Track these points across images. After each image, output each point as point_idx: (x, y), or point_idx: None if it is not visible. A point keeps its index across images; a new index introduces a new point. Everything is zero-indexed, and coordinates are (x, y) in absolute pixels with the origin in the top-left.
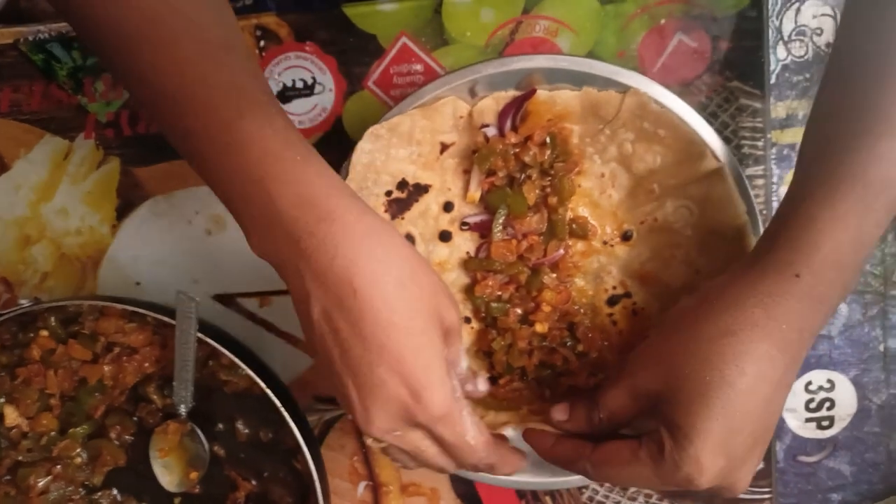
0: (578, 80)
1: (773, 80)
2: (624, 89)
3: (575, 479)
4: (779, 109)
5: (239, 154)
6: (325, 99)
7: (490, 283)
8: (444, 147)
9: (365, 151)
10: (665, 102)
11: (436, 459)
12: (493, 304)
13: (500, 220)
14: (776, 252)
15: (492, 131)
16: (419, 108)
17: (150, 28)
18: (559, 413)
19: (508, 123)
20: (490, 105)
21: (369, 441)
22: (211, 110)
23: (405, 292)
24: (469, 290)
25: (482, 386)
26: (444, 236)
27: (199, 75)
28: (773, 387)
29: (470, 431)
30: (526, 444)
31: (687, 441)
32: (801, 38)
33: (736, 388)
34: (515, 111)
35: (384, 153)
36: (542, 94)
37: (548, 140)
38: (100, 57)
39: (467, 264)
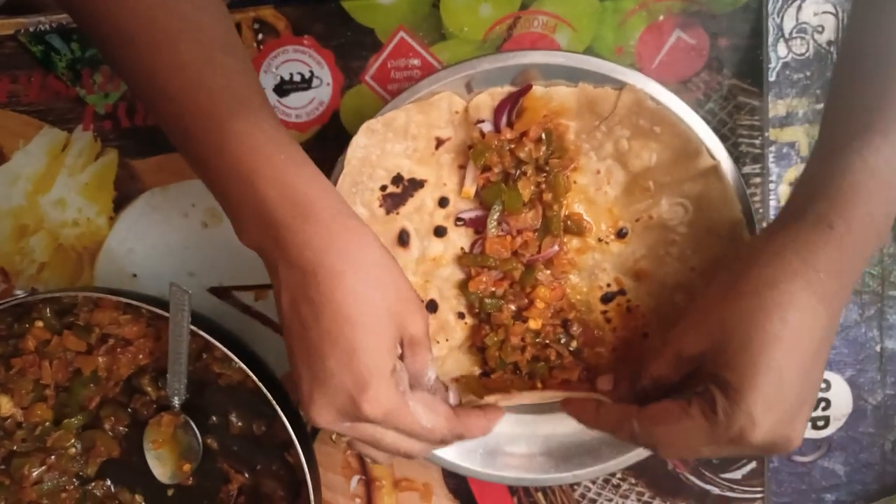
0: (575, 76)
1: (773, 78)
2: (620, 86)
3: (566, 476)
4: (779, 107)
5: (230, 154)
6: (322, 93)
7: (484, 278)
8: (439, 142)
9: (360, 146)
10: (661, 99)
11: (398, 445)
12: (487, 300)
13: (495, 216)
14: (810, 205)
15: (487, 127)
16: (414, 103)
17: (149, 29)
18: (604, 383)
19: (504, 119)
20: (486, 100)
21: (333, 435)
22: (206, 112)
23: (368, 291)
24: (463, 286)
25: (453, 400)
26: (439, 231)
27: (196, 77)
28: (818, 338)
29: (423, 418)
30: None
31: (739, 396)
32: (803, 35)
33: (782, 341)
34: (511, 107)
35: (379, 148)
36: (537, 89)
37: (543, 136)
38: (101, 53)
39: (462, 260)
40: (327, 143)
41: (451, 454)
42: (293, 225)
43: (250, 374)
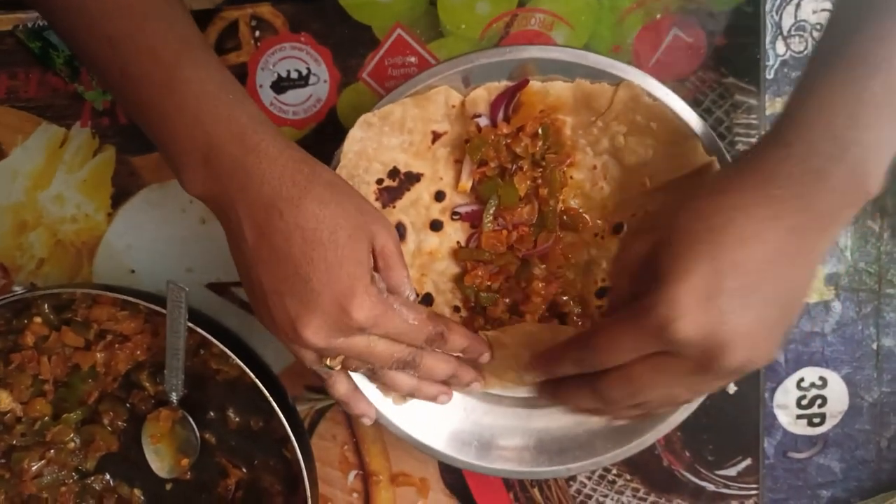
0: (572, 71)
1: (771, 76)
2: (617, 81)
3: (560, 469)
4: (777, 105)
5: (177, 95)
6: (319, 90)
7: (480, 273)
8: (435, 136)
9: (356, 139)
10: (658, 95)
11: (391, 351)
12: (483, 294)
13: (491, 211)
14: (773, 128)
15: (484, 121)
16: (411, 97)
17: None
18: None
19: (501, 114)
20: (482, 95)
21: (325, 362)
22: (151, 55)
23: (327, 209)
24: (459, 280)
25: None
26: (435, 226)
27: (141, 21)
28: (771, 251)
29: (409, 315)
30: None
31: (664, 284)
32: (801, 33)
33: (724, 236)
34: (508, 101)
35: (376, 141)
36: (534, 84)
37: (540, 131)
38: (35, 4)
39: (458, 254)
40: (324, 140)
41: (446, 447)
42: (247, 162)
43: (247, 370)
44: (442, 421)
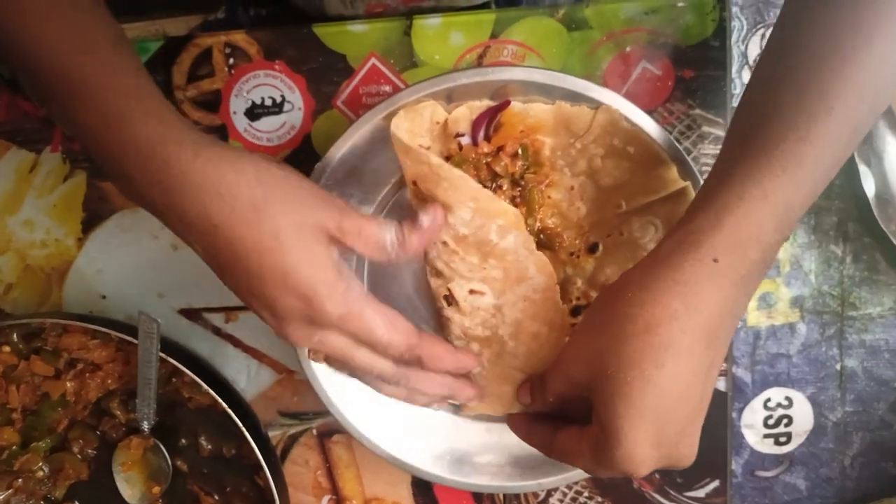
0: (551, 93)
1: (737, 105)
2: (596, 105)
3: (531, 485)
4: None
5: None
6: (293, 117)
7: None
8: None
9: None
10: (636, 120)
11: (372, 364)
12: None
13: None
14: (697, 235)
15: (466, 140)
16: (404, 109)
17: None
18: (523, 396)
19: (482, 133)
20: (465, 114)
21: (309, 355)
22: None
23: (262, 213)
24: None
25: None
26: None
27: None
28: (696, 374)
29: (380, 329)
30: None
31: (616, 442)
32: None
33: (659, 386)
34: (489, 121)
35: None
36: (515, 105)
37: (519, 151)
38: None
39: None
40: (299, 166)
41: (419, 460)
42: (165, 181)
43: (218, 399)
44: (415, 436)
